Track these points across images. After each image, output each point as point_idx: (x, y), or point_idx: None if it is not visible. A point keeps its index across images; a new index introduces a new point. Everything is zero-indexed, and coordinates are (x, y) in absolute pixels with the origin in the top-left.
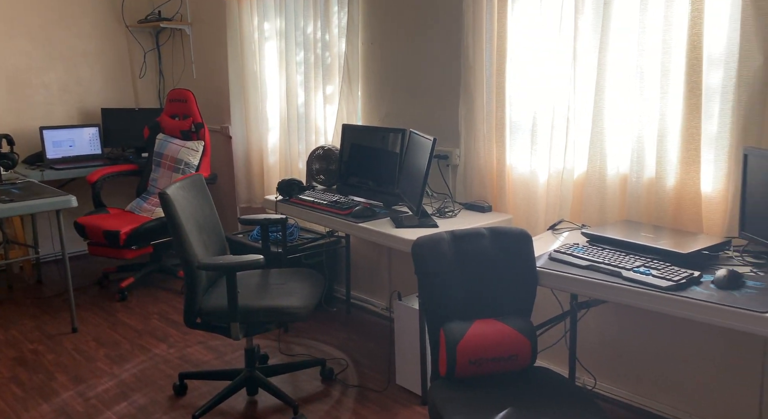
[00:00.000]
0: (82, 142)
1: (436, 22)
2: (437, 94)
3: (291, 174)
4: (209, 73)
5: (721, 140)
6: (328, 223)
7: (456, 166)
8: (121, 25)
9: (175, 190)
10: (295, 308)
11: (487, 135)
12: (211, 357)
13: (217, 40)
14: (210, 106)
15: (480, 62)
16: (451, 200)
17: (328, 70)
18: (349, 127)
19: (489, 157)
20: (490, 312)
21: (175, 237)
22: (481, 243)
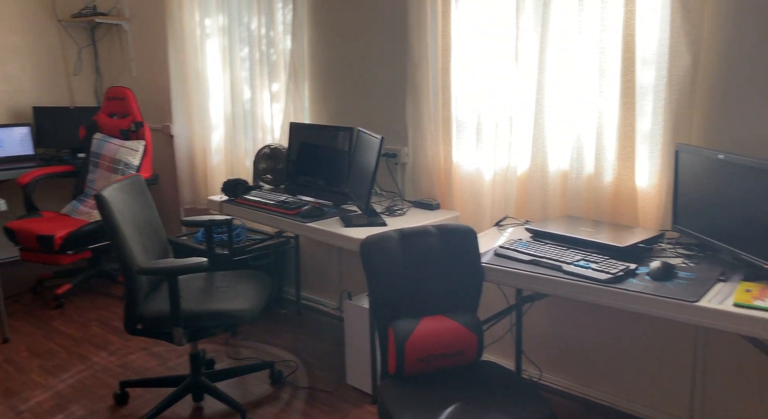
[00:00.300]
0: (12, 142)
1: (382, 21)
2: (385, 92)
3: (237, 173)
4: (149, 70)
5: (655, 137)
6: (276, 224)
7: (405, 165)
8: (53, 20)
9: (112, 191)
10: (241, 311)
11: (434, 133)
12: (155, 363)
13: (157, 36)
14: (151, 104)
15: (425, 61)
16: (400, 198)
17: (274, 67)
18: (297, 126)
19: (436, 155)
20: (438, 308)
21: (113, 241)
22: (429, 241)
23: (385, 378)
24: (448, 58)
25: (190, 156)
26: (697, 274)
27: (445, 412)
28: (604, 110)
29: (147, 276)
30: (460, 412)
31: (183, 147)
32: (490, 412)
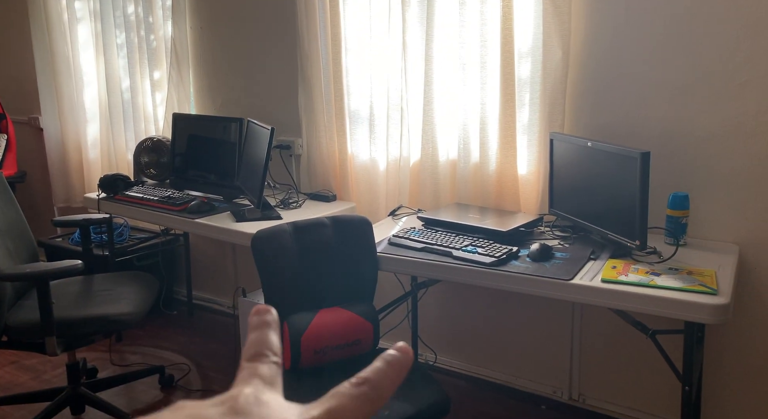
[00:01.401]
0: None
1: (270, 9)
2: (276, 83)
3: (117, 168)
4: (9, 57)
5: (532, 127)
6: (161, 221)
7: (299, 156)
8: None
9: None
10: (123, 315)
11: (328, 124)
12: (27, 377)
13: (17, 20)
14: (13, 94)
15: (315, 51)
16: (296, 191)
17: (154, 54)
18: (181, 116)
19: (331, 146)
20: (334, 300)
21: None
22: (324, 233)
23: None
24: (339, 49)
25: (62, 150)
26: (571, 254)
27: None
28: (487, 101)
29: (11, 282)
30: None
31: (54, 141)
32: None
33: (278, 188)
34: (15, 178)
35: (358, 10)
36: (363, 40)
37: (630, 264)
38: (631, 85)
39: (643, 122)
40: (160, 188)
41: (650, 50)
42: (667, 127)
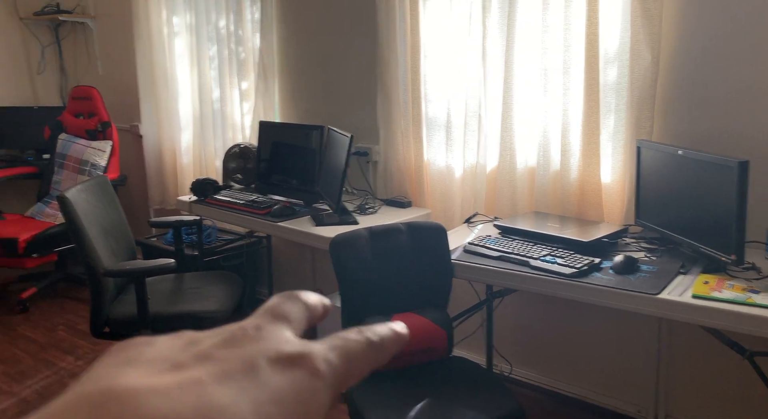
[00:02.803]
0: None
1: (351, 18)
2: (356, 90)
3: (207, 173)
4: (116, 69)
5: (618, 133)
6: (246, 223)
7: (376, 163)
8: (14, 18)
9: (76, 192)
10: (210, 312)
11: (405, 131)
12: None
13: (123, 34)
14: (118, 103)
15: (395, 58)
16: (372, 197)
17: (243, 65)
18: (267, 124)
19: (407, 152)
20: (408, 305)
21: (78, 244)
22: (399, 239)
23: None
24: (417, 57)
25: (158, 156)
26: (659, 267)
27: (415, 409)
28: (569, 107)
29: (114, 278)
30: (429, 408)
31: (151, 147)
32: (459, 407)
33: (356, 194)
34: (117, 182)
35: (438, 18)
36: (442, 48)
37: (725, 280)
38: (730, 90)
39: (742, 130)
40: (246, 192)
41: (752, 53)
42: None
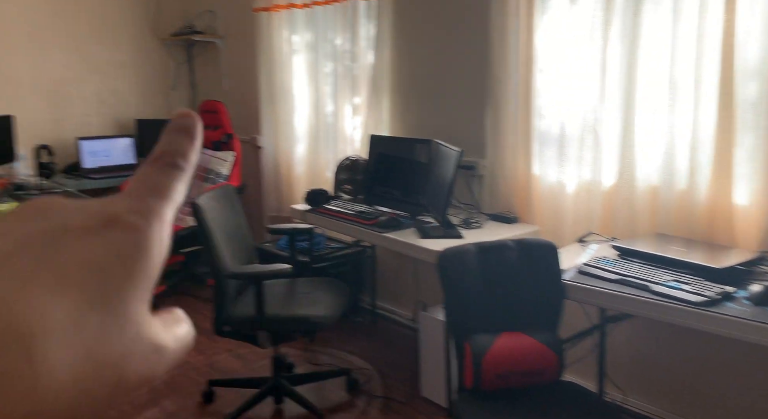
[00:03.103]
0: (117, 152)
1: (463, 33)
2: (464, 104)
3: (318, 183)
4: (240, 84)
5: (756, 153)
6: (354, 233)
7: (482, 177)
8: (155, 39)
9: (206, 199)
10: (320, 317)
11: (514, 145)
12: (239, 365)
13: (247, 52)
14: (240, 117)
15: (506, 73)
16: (477, 211)
17: (356, 81)
18: (376, 138)
19: (516, 167)
20: (516, 325)
21: (206, 246)
22: (508, 255)
23: (461, 392)
24: (531, 71)
25: (275, 166)
26: None
27: None
28: (700, 123)
29: (235, 280)
30: None
31: (269, 157)
32: None
33: (461, 207)
34: (237, 190)
35: (555, 31)
36: (557, 61)
37: None
38: None
39: None
40: (355, 203)
41: None
42: None
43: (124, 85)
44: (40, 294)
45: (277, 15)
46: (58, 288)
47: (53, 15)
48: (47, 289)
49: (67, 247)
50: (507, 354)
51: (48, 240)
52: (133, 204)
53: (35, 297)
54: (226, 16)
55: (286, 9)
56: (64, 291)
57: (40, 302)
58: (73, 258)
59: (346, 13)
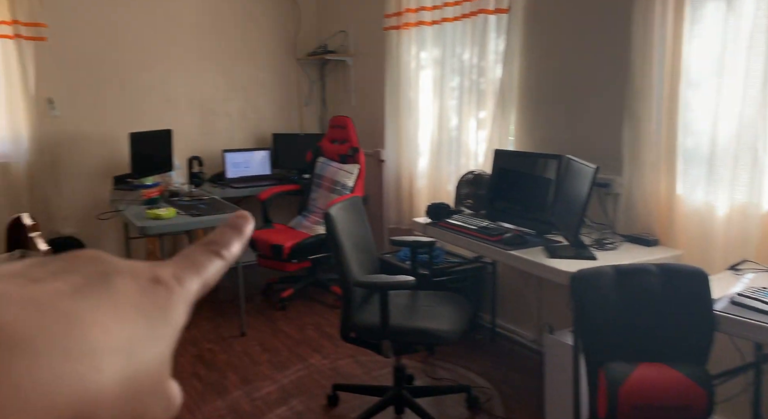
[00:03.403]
0: (256, 163)
1: (600, 44)
2: (597, 119)
3: (439, 197)
4: (366, 100)
5: None
6: (477, 249)
7: (617, 195)
8: (293, 59)
9: (336, 210)
10: (444, 332)
11: (655, 163)
12: (361, 372)
13: (375, 69)
14: (365, 131)
15: (649, 86)
16: (612, 231)
17: (483, 95)
18: (502, 152)
19: (656, 186)
20: (656, 355)
21: (335, 255)
22: (649, 281)
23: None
24: (677, 83)
25: (397, 179)
26: None
27: None
28: None
29: (361, 288)
30: None
31: (391, 171)
32: None
33: (592, 227)
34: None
35: (707, 40)
36: (708, 73)
37: None
38: None
39: None
40: (477, 218)
41: None
42: None
43: (263, 102)
44: (104, 317)
45: (406, 32)
46: (115, 317)
47: (206, 40)
48: (108, 316)
49: (119, 288)
50: (647, 385)
51: (104, 279)
52: (176, 271)
53: (101, 317)
54: (357, 36)
55: (415, 26)
56: (119, 321)
57: (105, 323)
58: (125, 297)
59: (476, 28)
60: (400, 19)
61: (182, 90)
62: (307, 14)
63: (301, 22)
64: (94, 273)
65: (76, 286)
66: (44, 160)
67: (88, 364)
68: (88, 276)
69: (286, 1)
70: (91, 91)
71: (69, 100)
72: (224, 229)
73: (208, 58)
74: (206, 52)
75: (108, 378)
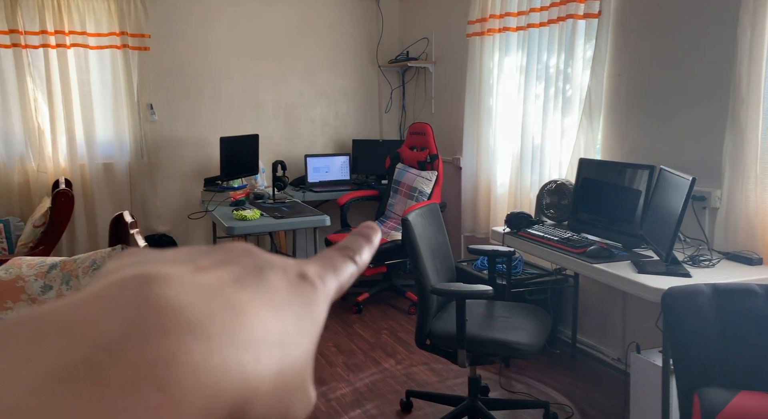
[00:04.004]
0: (335, 168)
1: (699, 50)
2: (693, 129)
3: (519, 206)
4: (446, 107)
5: None
6: (559, 261)
7: (715, 210)
8: (375, 66)
9: (414, 216)
10: (522, 345)
11: (761, 177)
12: (435, 379)
13: (456, 76)
14: (444, 138)
15: (756, 94)
16: (708, 248)
17: (568, 102)
18: (587, 162)
19: (762, 201)
20: (759, 384)
21: (412, 261)
22: (752, 302)
23: None
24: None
25: (474, 187)
26: None
27: None
28: None
29: (437, 296)
30: None
31: (469, 179)
32: None
33: (687, 242)
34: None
35: None
36: None
37: None
38: None
39: None
40: (559, 229)
41: None
42: None
43: (345, 109)
44: (262, 309)
45: (489, 39)
46: (271, 309)
47: (292, 48)
48: (266, 308)
49: (272, 282)
50: (747, 415)
51: (259, 272)
52: (319, 270)
53: (260, 309)
54: (439, 43)
55: (499, 32)
56: (274, 314)
57: (263, 315)
58: (278, 291)
59: (563, 33)
60: (484, 25)
61: (269, 96)
62: (390, 22)
63: (384, 30)
64: (251, 265)
65: (237, 276)
66: (143, 162)
67: (250, 354)
68: (246, 267)
69: (370, 9)
70: (186, 98)
71: (166, 105)
72: (356, 237)
73: (293, 66)
74: (292, 60)
75: (265, 370)
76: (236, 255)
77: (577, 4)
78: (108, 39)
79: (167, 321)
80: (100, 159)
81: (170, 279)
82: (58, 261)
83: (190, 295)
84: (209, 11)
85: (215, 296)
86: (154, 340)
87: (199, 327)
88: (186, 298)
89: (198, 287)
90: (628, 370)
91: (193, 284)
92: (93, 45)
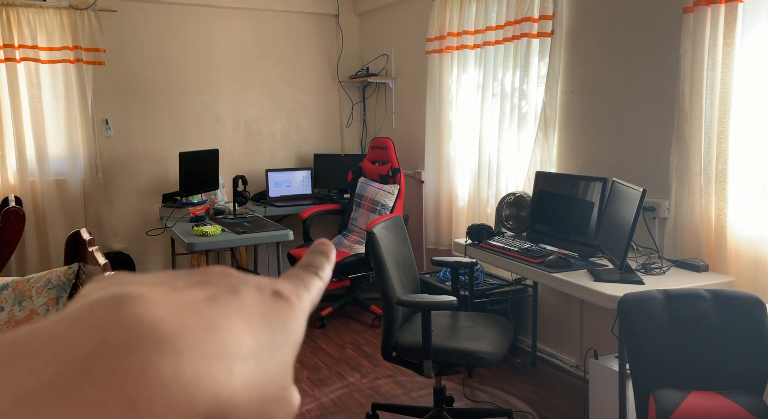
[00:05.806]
0: (297, 183)
1: (646, 68)
2: (643, 142)
3: (478, 219)
4: (407, 122)
5: None
6: (519, 271)
7: (664, 219)
8: (335, 81)
9: (379, 229)
10: (486, 353)
11: (705, 188)
12: (400, 391)
13: (416, 91)
14: (405, 152)
15: (698, 110)
16: (658, 256)
17: (524, 118)
18: (543, 174)
19: (706, 212)
20: (708, 384)
21: (378, 273)
22: (700, 306)
23: None
24: (727, 108)
25: (436, 200)
26: None
27: None
28: None
29: (403, 307)
30: None
31: (431, 192)
32: None
33: (640, 251)
34: None
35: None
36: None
37: None
38: None
39: None
40: (518, 240)
41: None
42: None
43: (306, 123)
44: (236, 324)
45: (448, 56)
46: (245, 325)
47: (252, 63)
48: (239, 322)
49: (247, 299)
50: (698, 415)
51: (234, 290)
52: (292, 287)
53: (233, 324)
54: (398, 59)
55: (457, 50)
56: (248, 329)
57: (237, 330)
58: (252, 308)
59: (518, 51)
60: (442, 42)
61: (229, 111)
62: (350, 38)
63: (344, 46)
64: (226, 284)
65: (211, 296)
66: (98, 178)
67: (222, 368)
68: (221, 287)
69: (330, 26)
70: (143, 113)
71: (122, 121)
72: (315, 255)
73: (253, 80)
74: (252, 75)
75: (239, 382)
76: (212, 277)
77: (531, 24)
78: (61, 53)
79: (137, 338)
80: (52, 175)
81: (143, 299)
82: (10, 282)
83: (162, 312)
84: (167, 25)
85: (187, 312)
86: (124, 357)
87: (171, 342)
88: (158, 315)
89: (170, 305)
90: (587, 376)
91: (165, 302)
92: (45, 59)
